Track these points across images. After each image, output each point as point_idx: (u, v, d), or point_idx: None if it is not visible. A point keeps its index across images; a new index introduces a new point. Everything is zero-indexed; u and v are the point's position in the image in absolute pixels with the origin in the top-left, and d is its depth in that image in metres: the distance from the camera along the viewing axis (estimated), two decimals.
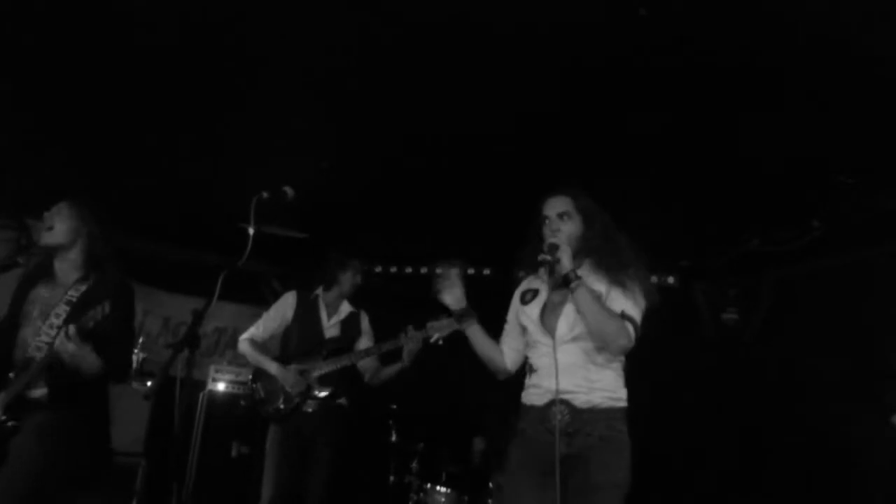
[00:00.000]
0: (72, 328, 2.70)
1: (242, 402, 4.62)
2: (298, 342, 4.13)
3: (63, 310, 2.93)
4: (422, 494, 4.70)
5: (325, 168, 4.23)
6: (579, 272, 2.50)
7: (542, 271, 2.61)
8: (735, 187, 4.06)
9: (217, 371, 4.97)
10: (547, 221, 2.61)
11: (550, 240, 2.53)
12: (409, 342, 3.94)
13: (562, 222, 2.60)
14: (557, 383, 2.43)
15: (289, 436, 3.96)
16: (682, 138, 3.74)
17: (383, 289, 5.74)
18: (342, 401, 4.11)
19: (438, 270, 2.74)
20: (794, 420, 4.48)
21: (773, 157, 3.74)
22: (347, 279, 4.23)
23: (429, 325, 3.88)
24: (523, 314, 2.67)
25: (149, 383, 4.59)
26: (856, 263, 4.20)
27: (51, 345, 2.82)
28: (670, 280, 4.89)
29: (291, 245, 5.23)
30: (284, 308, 4.22)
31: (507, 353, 2.77)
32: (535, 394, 2.55)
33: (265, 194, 2.80)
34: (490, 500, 4.49)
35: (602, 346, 2.44)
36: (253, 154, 4.27)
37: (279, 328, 4.19)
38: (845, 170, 3.59)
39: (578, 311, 2.43)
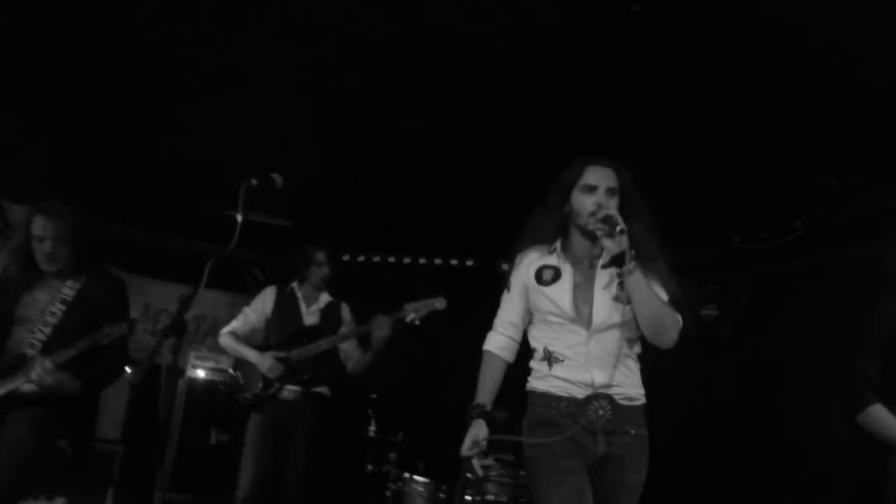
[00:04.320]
0: (48, 362, 2.82)
1: (221, 388, 4.61)
2: (279, 331, 4.18)
3: (58, 308, 2.99)
4: (400, 484, 4.71)
5: (313, 157, 4.21)
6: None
7: (558, 249, 2.40)
8: (718, 185, 4.10)
9: (197, 358, 4.95)
10: (591, 191, 2.32)
11: (608, 211, 2.21)
12: (378, 328, 3.97)
13: (609, 199, 2.30)
14: (596, 376, 2.26)
15: (268, 423, 3.98)
16: (666, 136, 3.78)
17: (367, 278, 5.74)
18: (322, 389, 4.13)
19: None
20: (770, 417, 4.56)
21: (756, 156, 3.78)
22: (314, 273, 4.27)
23: (406, 305, 3.95)
24: (542, 295, 2.37)
25: (128, 370, 4.55)
26: (836, 264, 4.26)
27: (42, 348, 2.91)
28: None
29: (274, 233, 5.21)
30: (264, 302, 4.28)
31: (504, 346, 2.50)
32: (561, 386, 2.31)
33: (254, 181, 2.79)
34: (467, 491, 4.52)
35: (654, 336, 2.24)
36: (238, 139, 4.23)
37: (259, 322, 4.23)
38: (828, 171, 3.64)
39: (632, 297, 2.18)
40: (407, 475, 4.71)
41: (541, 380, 2.38)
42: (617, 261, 2.19)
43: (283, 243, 4.92)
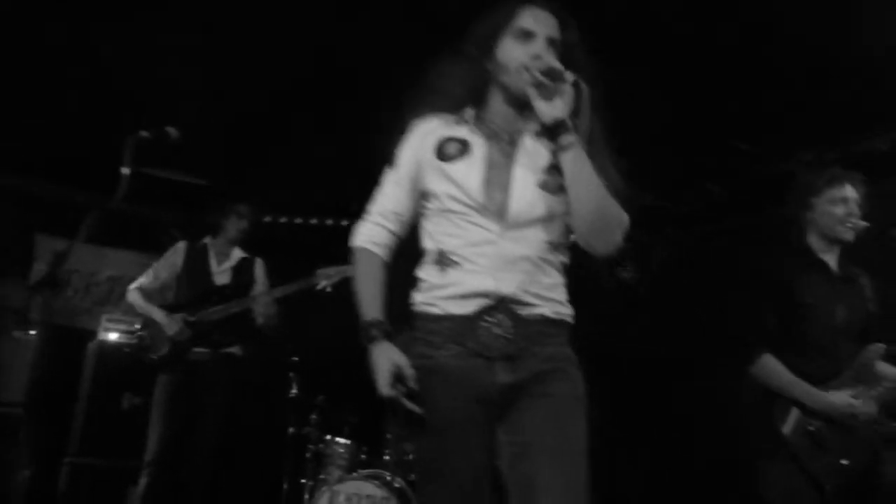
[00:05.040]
0: None
1: (126, 350, 4.50)
2: (189, 290, 4.11)
3: None
4: (321, 445, 4.70)
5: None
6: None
7: (470, 119, 1.84)
8: (634, 146, 4.11)
9: (109, 321, 4.82)
10: (527, 38, 1.77)
11: (552, 62, 1.68)
12: (257, 304, 3.91)
13: (550, 52, 1.75)
14: (503, 285, 1.71)
15: (176, 385, 3.93)
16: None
17: (288, 239, 5.64)
18: (234, 350, 4.07)
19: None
20: (685, 375, 4.67)
21: (673, 119, 3.80)
22: (232, 224, 4.18)
23: (318, 272, 3.88)
24: (441, 174, 1.79)
25: (31, 332, 4.43)
26: (749, 226, 4.33)
27: None
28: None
29: (192, 192, 5.06)
30: (174, 258, 4.19)
31: (383, 241, 1.88)
32: (451, 296, 1.74)
33: (144, 133, 2.69)
34: (387, 451, 4.52)
35: (592, 235, 1.70)
36: (142, 88, 4.01)
37: (169, 278, 4.15)
38: (741, 135, 3.68)
39: (569, 179, 1.68)
40: (328, 437, 4.69)
41: (427, 292, 1.79)
42: (553, 131, 1.70)
43: (200, 203, 4.78)
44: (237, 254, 4.24)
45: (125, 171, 2.56)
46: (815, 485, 2.56)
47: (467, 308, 1.72)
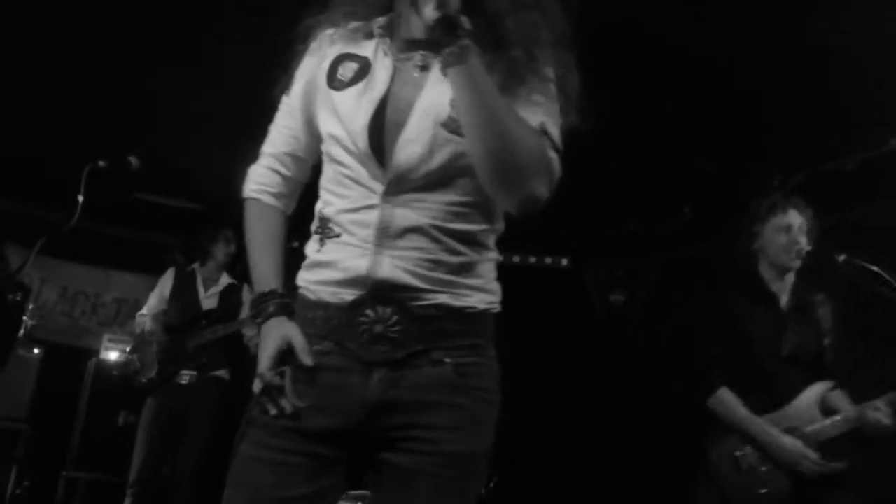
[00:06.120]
0: None
1: (115, 373, 4.66)
2: (178, 315, 4.21)
3: None
4: None
5: None
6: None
7: (381, 29, 1.36)
8: (617, 173, 4.08)
9: (110, 340, 5.01)
10: None
11: None
12: (249, 327, 4.00)
13: None
14: (381, 266, 1.26)
15: (161, 407, 4.03)
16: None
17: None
18: (221, 373, 4.16)
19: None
20: (674, 398, 4.59)
21: (646, 142, 3.78)
22: (220, 250, 4.30)
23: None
24: (330, 110, 1.34)
25: (36, 350, 4.64)
26: (725, 247, 4.29)
27: None
28: (564, 262, 4.99)
29: (192, 216, 5.23)
30: (163, 285, 4.34)
31: (278, 189, 1.45)
32: (324, 282, 1.32)
33: (101, 163, 2.83)
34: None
35: (495, 182, 1.23)
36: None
37: (160, 305, 4.29)
38: (707, 157, 3.66)
39: (459, 104, 1.22)
40: None
41: (306, 271, 1.36)
42: (441, 36, 1.19)
43: (197, 227, 4.95)
44: (225, 279, 4.36)
45: (80, 198, 2.71)
46: None
47: (343, 296, 1.29)
